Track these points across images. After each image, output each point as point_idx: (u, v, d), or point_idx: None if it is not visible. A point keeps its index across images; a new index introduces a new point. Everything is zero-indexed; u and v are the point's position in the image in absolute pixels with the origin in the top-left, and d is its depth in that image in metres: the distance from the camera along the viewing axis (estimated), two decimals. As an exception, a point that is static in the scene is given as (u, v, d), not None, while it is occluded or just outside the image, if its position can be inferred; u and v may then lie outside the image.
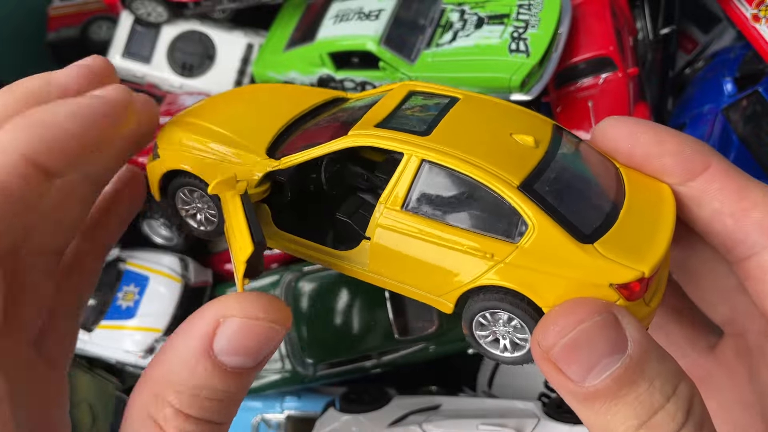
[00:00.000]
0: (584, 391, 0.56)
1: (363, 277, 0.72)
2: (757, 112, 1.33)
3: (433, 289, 0.68)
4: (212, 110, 0.83)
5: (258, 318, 0.58)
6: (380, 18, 1.35)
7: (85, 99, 0.68)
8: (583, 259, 0.61)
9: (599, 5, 1.34)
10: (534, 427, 1.11)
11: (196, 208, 0.79)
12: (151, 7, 1.51)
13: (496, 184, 0.63)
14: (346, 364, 1.33)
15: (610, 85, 1.31)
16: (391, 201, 0.67)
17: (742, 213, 0.67)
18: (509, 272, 0.63)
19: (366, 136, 0.68)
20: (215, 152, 0.75)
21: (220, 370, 0.58)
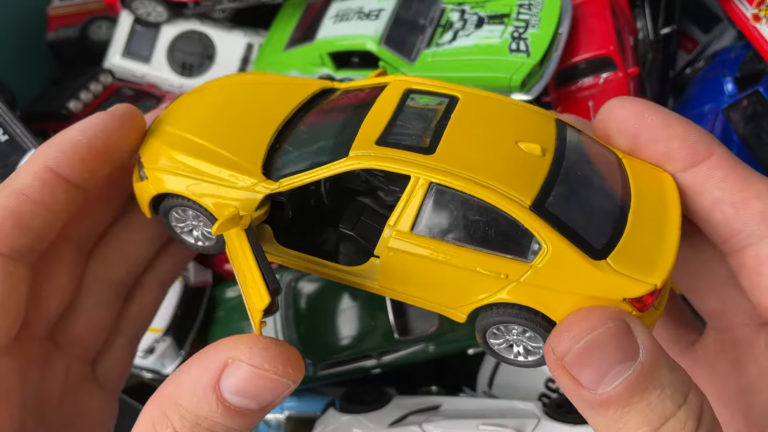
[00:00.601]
0: (597, 398, 0.56)
1: (373, 290, 0.71)
2: (757, 112, 1.32)
3: (446, 303, 0.68)
4: (193, 115, 0.78)
5: (264, 369, 0.59)
6: (380, 18, 1.35)
7: (93, 116, 0.73)
8: (597, 276, 0.61)
9: (600, 5, 1.34)
10: (534, 427, 1.11)
11: (191, 225, 0.77)
12: (150, 6, 1.51)
13: (508, 206, 0.62)
14: (346, 364, 1.33)
15: (610, 84, 1.31)
16: (401, 224, 0.66)
17: (743, 202, 0.67)
18: (523, 291, 0.63)
19: (369, 158, 0.66)
20: (206, 174, 0.71)
21: (224, 406, 0.59)
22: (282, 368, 0.59)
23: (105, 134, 0.72)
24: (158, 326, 1.36)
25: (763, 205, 0.66)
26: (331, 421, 1.22)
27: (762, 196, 0.67)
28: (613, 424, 0.56)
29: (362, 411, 1.22)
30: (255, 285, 0.62)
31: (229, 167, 0.70)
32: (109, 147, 0.72)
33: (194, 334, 1.41)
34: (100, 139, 0.71)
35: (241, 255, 0.65)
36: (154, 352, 1.36)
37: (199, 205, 0.72)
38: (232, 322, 1.41)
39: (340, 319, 1.31)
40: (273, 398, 0.60)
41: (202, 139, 0.73)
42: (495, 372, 1.37)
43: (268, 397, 0.60)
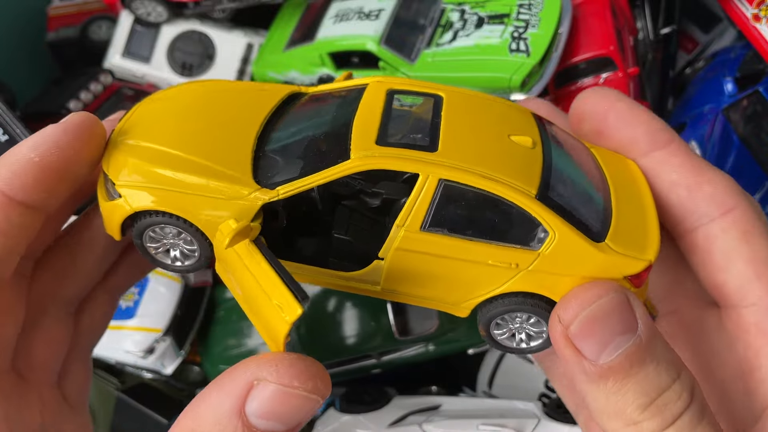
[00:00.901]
0: (598, 369, 0.58)
1: (374, 295, 0.70)
2: (757, 112, 1.33)
3: (452, 300, 0.69)
4: (159, 126, 0.72)
5: (294, 386, 0.57)
6: (380, 18, 1.35)
7: (45, 129, 0.67)
8: (599, 258, 0.64)
9: (600, 5, 1.34)
10: (534, 427, 1.11)
11: (169, 244, 0.71)
12: (150, 6, 1.51)
13: (516, 197, 0.64)
14: (346, 364, 1.33)
15: (610, 84, 1.31)
16: (409, 223, 0.66)
17: (696, 186, 0.72)
18: (531, 278, 0.65)
19: (375, 159, 0.65)
20: (192, 186, 0.66)
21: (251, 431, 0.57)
22: (312, 384, 0.57)
23: (59, 149, 0.65)
24: (158, 326, 1.36)
25: (714, 189, 0.71)
26: (331, 421, 1.22)
27: (713, 182, 0.72)
28: (611, 395, 0.59)
29: (362, 411, 1.22)
30: (280, 296, 0.59)
31: (217, 178, 0.66)
32: (66, 162, 0.66)
33: (194, 334, 1.41)
34: (54, 155, 0.65)
35: (253, 269, 0.61)
36: (154, 352, 1.36)
37: (184, 220, 0.67)
38: (231, 322, 1.41)
39: (341, 319, 1.31)
40: (301, 418, 0.58)
41: (178, 150, 0.68)
42: (495, 372, 1.37)
43: (297, 417, 0.58)
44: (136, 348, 1.35)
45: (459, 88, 0.76)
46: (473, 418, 1.14)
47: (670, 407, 0.58)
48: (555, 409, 1.14)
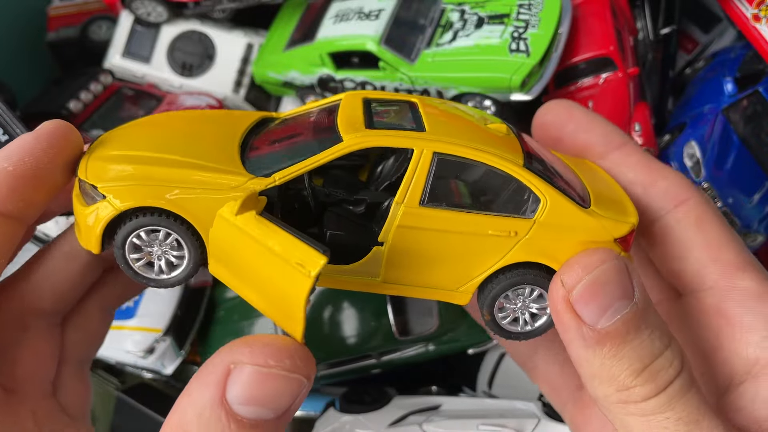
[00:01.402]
0: (596, 334, 0.60)
1: (372, 289, 0.70)
2: (757, 112, 1.33)
3: (453, 283, 0.70)
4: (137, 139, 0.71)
5: (269, 365, 0.55)
6: (380, 18, 1.35)
7: (17, 138, 0.66)
8: (589, 222, 0.68)
9: (599, 5, 1.34)
10: (534, 427, 1.11)
11: (152, 254, 0.68)
12: (150, 6, 1.51)
13: (507, 165, 0.67)
14: (346, 364, 1.33)
15: (610, 85, 1.31)
16: (408, 199, 0.67)
17: (651, 182, 0.76)
18: (530, 246, 0.68)
19: (369, 137, 0.66)
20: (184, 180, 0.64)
21: (236, 421, 0.54)
22: (290, 362, 0.56)
23: (33, 158, 0.64)
24: (158, 326, 1.36)
25: (667, 184, 0.75)
26: (331, 421, 1.22)
27: (667, 177, 0.76)
28: (607, 361, 0.60)
29: (362, 411, 1.22)
30: (301, 253, 0.57)
31: (210, 171, 0.65)
32: (40, 171, 0.65)
33: (194, 334, 1.41)
34: (27, 164, 0.64)
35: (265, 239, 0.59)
36: (154, 352, 1.36)
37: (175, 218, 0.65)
38: (231, 322, 1.41)
39: (341, 319, 1.31)
40: (288, 401, 0.56)
41: (163, 153, 0.67)
42: (495, 372, 1.37)
43: (282, 400, 0.55)
44: (136, 348, 1.35)
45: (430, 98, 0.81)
46: (473, 418, 1.14)
47: (662, 374, 0.60)
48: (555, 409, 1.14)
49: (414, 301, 1.31)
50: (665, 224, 0.75)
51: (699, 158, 1.29)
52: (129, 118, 1.44)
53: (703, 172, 1.29)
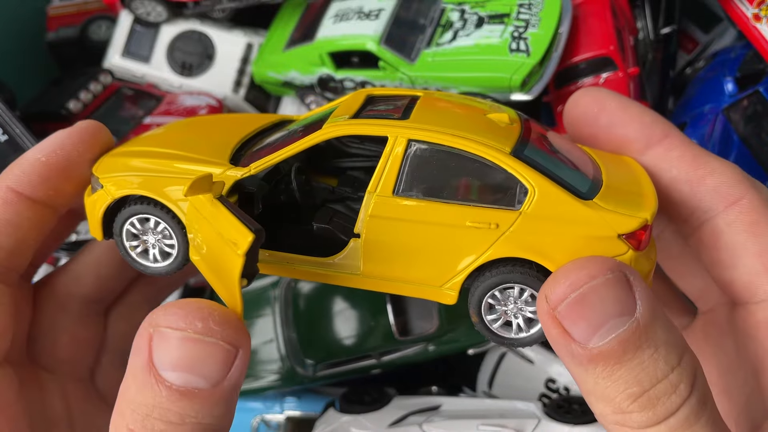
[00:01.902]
0: (587, 353, 0.54)
1: (356, 284, 0.68)
2: (757, 112, 1.32)
3: (436, 279, 0.66)
4: (153, 139, 0.77)
5: (181, 328, 0.53)
6: (380, 17, 1.35)
7: (53, 134, 0.74)
8: (588, 214, 0.61)
9: (600, 5, 1.33)
10: (534, 427, 1.10)
11: (147, 242, 0.71)
12: (150, 6, 1.51)
13: (489, 152, 0.62)
14: (345, 364, 1.33)
15: (610, 84, 1.31)
16: (381, 188, 0.64)
17: (698, 180, 0.68)
18: (515, 240, 0.62)
19: (345, 125, 0.65)
20: (171, 170, 0.68)
21: (166, 387, 0.53)
22: (203, 325, 0.53)
23: (64, 151, 0.72)
24: (158, 326, 1.36)
25: (717, 181, 0.67)
26: (331, 422, 1.22)
27: (716, 173, 0.67)
28: (601, 381, 0.54)
29: (362, 411, 1.22)
30: (235, 232, 0.58)
31: (193, 162, 0.68)
32: (70, 163, 0.72)
33: (194, 334, 1.41)
34: (59, 156, 0.71)
35: (214, 220, 0.60)
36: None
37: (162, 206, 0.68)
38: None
39: (340, 319, 1.31)
40: (218, 370, 0.53)
41: (160, 147, 0.72)
42: (495, 372, 1.37)
43: (210, 367, 0.53)
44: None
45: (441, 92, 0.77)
46: (473, 418, 1.14)
47: (664, 401, 0.53)
48: (555, 409, 1.14)
49: (414, 302, 1.31)
50: (714, 227, 0.67)
51: (699, 158, 1.29)
52: (129, 117, 1.44)
53: (703, 172, 1.29)
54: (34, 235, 0.72)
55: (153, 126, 1.41)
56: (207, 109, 1.42)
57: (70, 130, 0.73)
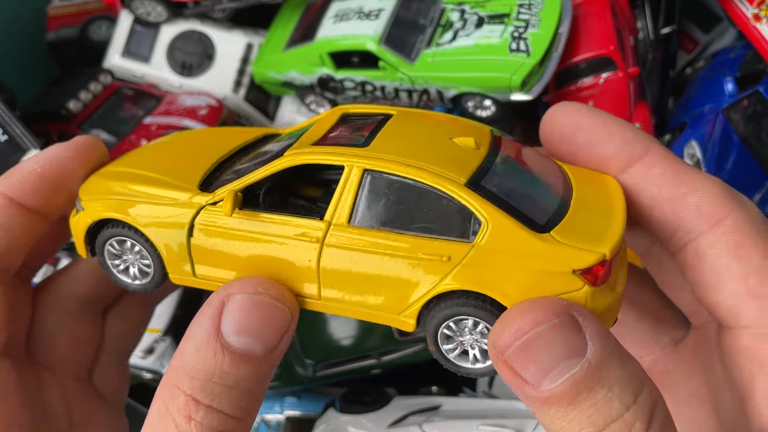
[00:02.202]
0: (540, 395, 0.54)
1: (317, 308, 0.68)
2: (757, 112, 1.32)
3: (393, 307, 0.66)
4: (139, 158, 0.80)
5: (257, 292, 0.60)
6: (380, 18, 1.35)
7: (51, 146, 0.78)
8: (542, 248, 0.60)
9: (600, 5, 1.33)
10: (534, 427, 1.11)
11: (127, 261, 0.75)
12: (150, 6, 1.51)
13: (442, 183, 0.62)
14: (345, 364, 1.33)
15: (610, 84, 1.31)
16: (336, 217, 0.64)
17: (680, 198, 0.65)
18: (468, 273, 0.62)
19: (303, 154, 0.66)
20: (142, 195, 0.71)
21: (230, 353, 0.58)
22: (276, 291, 0.60)
23: (59, 163, 0.75)
24: (157, 326, 1.36)
25: (699, 199, 0.65)
26: (331, 422, 1.22)
27: (698, 190, 0.65)
28: (556, 421, 0.54)
29: (362, 411, 1.22)
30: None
31: (163, 186, 0.71)
32: (63, 175, 0.75)
33: (194, 335, 1.41)
34: (54, 168, 0.75)
35: (265, 230, 0.65)
36: (154, 353, 1.36)
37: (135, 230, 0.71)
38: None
39: (340, 319, 1.31)
40: (275, 334, 0.60)
41: (143, 170, 0.74)
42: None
43: (270, 331, 0.59)
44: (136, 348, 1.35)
45: (419, 110, 0.76)
46: (473, 418, 1.14)
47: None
48: (555, 409, 1.14)
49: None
50: (697, 248, 0.64)
51: (699, 158, 1.29)
52: (129, 117, 1.44)
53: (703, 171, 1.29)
54: (26, 240, 0.76)
55: (153, 126, 1.41)
56: (207, 109, 1.42)
57: (67, 144, 0.77)
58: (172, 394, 0.59)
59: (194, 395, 0.58)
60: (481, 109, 1.32)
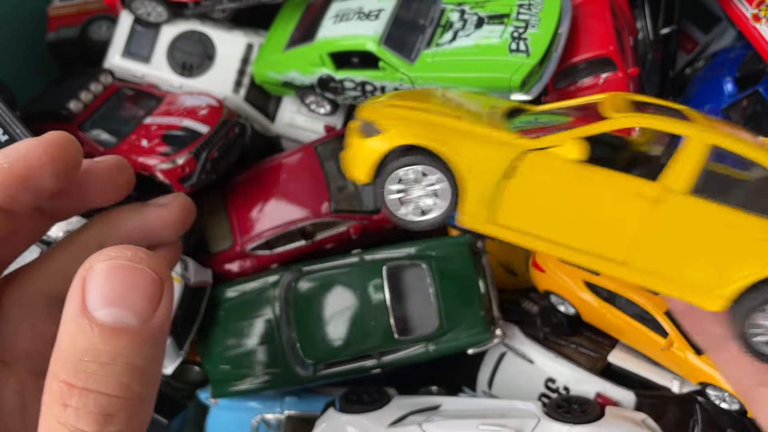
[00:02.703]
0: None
1: (614, 272, 0.67)
2: (757, 112, 1.33)
3: (709, 282, 0.64)
4: (413, 99, 0.78)
5: (113, 257, 0.55)
6: (380, 18, 1.35)
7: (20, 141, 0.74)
8: None
9: (599, 5, 1.34)
10: (534, 427, 1.11)
11: (409, 195, 0.72)
12: (150, 6, 1.51)
13: None
14: (345, 364, 1.33)
15: (610, 85, 1.31)
16: (675, 184, 0.64)
17: None
18: None
19: (636, 118, 0.66)
20: (457, 127, 0.68)
21: (99, 327, 0.54)
22: (132, 253, 0.55)
23: (27, 159, 0.71)
24: (158, 326, 1.36)
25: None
26: (331, 421, 1.22)
27: None
28: None
29: (362, 411, 1.22)
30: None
31: (483, 125, 0.69)
32: (30, 172, 0.71)
33: (194, 335, 1.41)
34: (20, 164, 0.71)
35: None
36: (154, 352, 1.36)
37: (441, 161, 0.68)
38: (231, 322, 1.41)
39: (340, 318, 1.31)
40: (146, 304, 0.55)
41: (438, 107, 0.73)
42: (495, 372, 1.37)
43: (139, 300, 0.55)
44: (136, 348, 1.35)
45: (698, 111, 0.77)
46: (473, 417, 1.14)
47: None
48: (555, 408, 1.14)
49: (414, 301, 1.31)
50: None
51: (699, 158, 1.29)
52: (129, 118, 1.44)
53: (703, 172, 1.29)
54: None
55: (153, 126, 1.41)
56: (207, 110, 1.43)
57: (38, 140, 0.73)
58: (50, 387, 0.54)
59: (68, 380, 0.53)
60: (480, 110, 1.33)
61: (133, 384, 0.55)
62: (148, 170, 1.35)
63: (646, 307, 1.22)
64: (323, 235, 1.45)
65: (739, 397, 1.13)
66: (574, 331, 1.39)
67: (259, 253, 1.47)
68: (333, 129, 1.56)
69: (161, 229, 0.74)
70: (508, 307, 1.43)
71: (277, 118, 1.61)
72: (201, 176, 1.37)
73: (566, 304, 1.35)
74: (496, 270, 1.41)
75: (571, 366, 1.31)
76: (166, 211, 0.74)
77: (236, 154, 1.45)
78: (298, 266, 1.37)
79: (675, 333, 1.19)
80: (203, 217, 1.51)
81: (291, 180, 1.48)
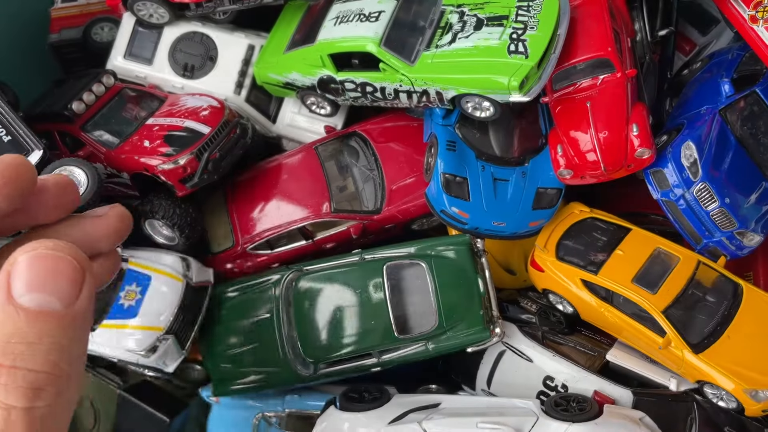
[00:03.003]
0: None
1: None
2: (754, 113, 1.33)
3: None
4: None
5: (36, 248, 0.55)
6: (380, 19, 1.36)
7: None
8: None
9: (598, 7, 1.34)
10: (533, 425, 1.11)
11: None
12: (153, 8, 1.52)
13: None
14: (346, 362, 1.34)
15: (608, 86, 1.32)
16: None
17: None
18: None
19: None
20: None
21: (24, 311, 0.54)
22: (52, 243, 0.56)
23: None
24: (160, 325, 1.37)
25: None
26: (331, 419, 1.23)
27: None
28: None
29: (362, 409, 1.23)
30: None
31: None
32: None
33: (195, 334, 1.42)
34: None
35: None
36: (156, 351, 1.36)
37: None
38: (232, 321, 1.42)
39: (341, 317, 1.32)
40: (69, 289, 0.56)
41: None
42: (494, 370, 1.38)
43: (61, 285, 0.55)
44: (139, 347, 1.36)
45: None
46: (472, 416, 1.15)
47: None
48: (553, 407, 1.15)
49: (414, 301, 1.32)
50: None
51: (696, 158, 1.30)
52: (131, 118, 1.45)
53: (700, 172, 1.30)
54: None
55: (155, 127, 1.42)
56: (209, 110, 1.43)
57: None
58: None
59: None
60: (479, 110, 1.33)
61: (61, 362, 0.55)
62: (150, 171, 1.36)
63: (644, 305, 1.23)
64: (324, 234, 1.46)
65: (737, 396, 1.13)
66: (573, 329, 1.40)
67: (260, 252, 1.48)
68: (333, 129, 1.57)
69: (99, 240, 0.75)
70: (507, 306, 1.44)
71: (278, 119, 1.62)
72: (202, 176, 1.38)
73: (565, 302, 1.36)
74: (495, 269, 1.42)
75: (570, 364, 1.31)
76: (103, 221, 0.75)
77: (238, 155, 1.46)
78: (298, 266, 1.38)
79: (672, 332, 1.20)
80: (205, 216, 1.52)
81: (292, 180, 1.49)
